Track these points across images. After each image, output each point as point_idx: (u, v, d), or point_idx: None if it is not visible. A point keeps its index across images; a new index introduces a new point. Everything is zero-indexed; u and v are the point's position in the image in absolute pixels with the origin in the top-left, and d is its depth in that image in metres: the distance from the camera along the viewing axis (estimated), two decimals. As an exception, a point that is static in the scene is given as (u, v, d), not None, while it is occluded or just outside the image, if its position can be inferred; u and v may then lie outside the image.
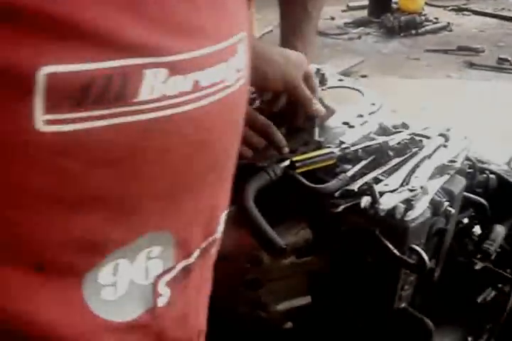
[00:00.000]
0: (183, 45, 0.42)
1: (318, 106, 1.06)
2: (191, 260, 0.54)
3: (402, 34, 5.08)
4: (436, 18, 5.45)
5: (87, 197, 0.43)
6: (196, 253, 0.55)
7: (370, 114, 1.15)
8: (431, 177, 0.96)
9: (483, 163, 1.17)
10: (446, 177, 0.98)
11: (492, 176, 1.13)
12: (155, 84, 0.41)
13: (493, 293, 1.13)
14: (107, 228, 0.46)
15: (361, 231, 0.92)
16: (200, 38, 0.44)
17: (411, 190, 0.90)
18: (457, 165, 0.98)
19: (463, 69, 4.42)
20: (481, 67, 4.43)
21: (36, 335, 0.45)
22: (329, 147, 1.02)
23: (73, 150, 0.40)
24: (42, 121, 0.38)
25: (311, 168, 0.96)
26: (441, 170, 0.98)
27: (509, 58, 4.54)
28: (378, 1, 5.36)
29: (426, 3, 5.62)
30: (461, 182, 1.01)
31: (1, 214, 0.41)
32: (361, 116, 1.15)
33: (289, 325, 1.11)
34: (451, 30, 5.31)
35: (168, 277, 0.52)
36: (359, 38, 5.08)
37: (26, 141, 0.39)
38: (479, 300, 1.10)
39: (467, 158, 1.10)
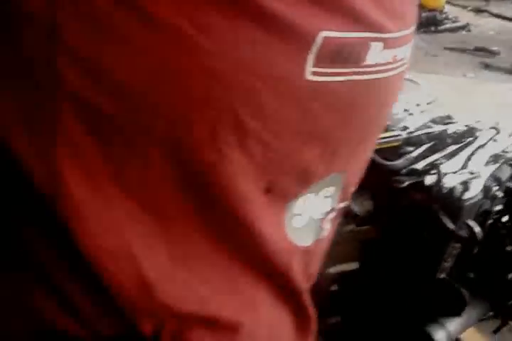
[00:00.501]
0: (394, 27, 0.55)
1: None
2: (344, 204, 0.67)
3: (421, 30, 5.16)
4: (455, 17, 5.54)
5: (316, 133, 0.54)
6: (348, 199, 0.67)
7: (427, 104, 1.27)
8: (485, 164, 1.08)
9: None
10: (496, 165, 1.11)
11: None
12: (375, 53, 0.53)
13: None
14: (319, 162, 0.57)
15: (421, 206, 1.05)
16: (403, 22, 0.57)
17: (470, 173, 1.02)
18: (509, 155, 1.11)
19: (478, 70, 4.52)
20: (496, 69, 4.54)
21: (248, 242, 0.56)
22: (394, 130, 1.14)
23: (319, 95, 0.51)
24: (310, 72, 0.49)
25: (379, 147, 1.08)
26: (494, 159, 1.10)
27: (524, 62, 4.65)
28: (401, -5, 5.43)
29: (447, 2, 5.70)
30: (507, 170, 1.14)
31: (262, 139, 0.51)
32: (419, 105, 1.26)
33: (335, 287, 1.23)
34: (469, 30, 5.41)
35: (332, 215, 0.64)
36: (379, 30, 5.17)
37: (296, 86, 0.50)
38: (508, 278, 1.23)
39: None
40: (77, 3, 0.44)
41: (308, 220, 0.60)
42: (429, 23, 5.24)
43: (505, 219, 1.29)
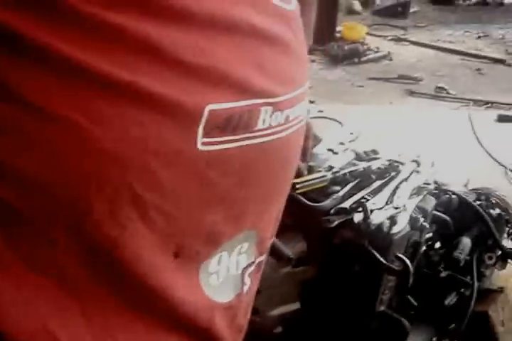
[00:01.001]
0: (282, 90, 0.58)
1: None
2: (263, 257, 0.69)
3: (345, 62, 5.31)
4: (377, 47, 5.71)
5: (216, 198, 0.57)
6: (266, 252, 0.69)
7: (350, 141, 1.31)
8: (409, 197, 1.12)
9: (445, 185, 1.35)
10: (420, 197, 1.15)
11: (454, 197, 1.31)
12: (265, 118, 0.57)
13: (455, 298, 1.30)
14: (224, 224, 0.60)
15: (352, 243, 1.08)
16: (292, 84, 0.61)
17: (395, 208, 1.06)
18: (430, 187, 1.15)
19: (404, 97, 4.67)
20: (421, 95, 4.69)
21: (164, 308, 0.57)
22: (320, 171, 1.17)
23: (213, 163, 0.55)
24: (201, 142, 0.52)
25: (308, 189, 1.11)
26: (417, 191, 1.15)
27: (446, 87, 4.81)
28: (323, 29, 5.58)
29: (367, 33, 5.88)
30: (432, 201, 1.18)
31: (163, 210, 0.53)
32: (342, 143, 1.30)
33: (279, 329, 1.24)
34: (391, 59, 5.58)
35: (250, 269, 0.66)
36: (305, 65, 5.29)
37: (188, 157, 0.53)
38: (446, 303, 1.26)
39: (434, 181, 1.27)
40: None
41: (225, 277, 0.63)
42: (353, 54, 5.39)
43: (437, 245, 1.34)
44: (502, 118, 4.15)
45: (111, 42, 0.47)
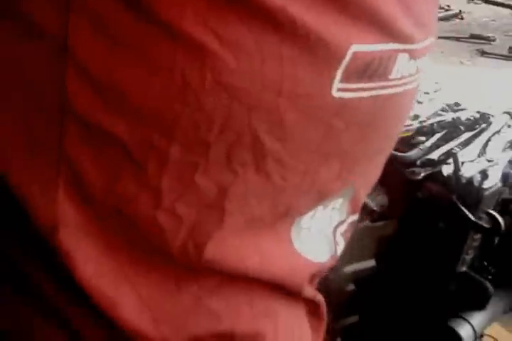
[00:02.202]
0: (421, 36, 0.52)
1: None
2: (355, 217, 0.63)
3: (415, 20, 5.15)
4: (448, 6, 5.51)
5: (336, 151, 0.52)
6: (358, 211, 0.64)
7: (435, 91, 1.23)
8: (502, 151, 1.04)
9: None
10: (513, 151, 1.07)
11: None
12: (400, 66, 0.51)
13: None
14: (336, 180, 0.54)
15: (438, 197, 1.01)
16: (427, 31, 0.55)
17: (489, 161, 0.98)
18: (526, 140, 1.07)
19: (475, 57, 4.50)
20: (493, 56, 4.51)
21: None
22: (404, 120, 1.10)
23: (342, 112, 0.48)
24: (336, 88, 0.46)
25: (392, 138, 1.04)
26: (510, 145, 1.06)
27: (520, 47, 4.63)
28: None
29: (438, -9, 5.68)
30: (525, 157, 1.10)
31: (280, 159, 0.48)
32: (427, 93, 1.22)
33: (351, 287, 1.19)
34: (462, 18, 5.38)
35: (342, 228, 0.61)
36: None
37: (321, 103, 0.47)
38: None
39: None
40: (92, 15, 0.41)
41: (318, 233, 0.57)
42: (422, 12, 5.22)
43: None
44: None
45: None
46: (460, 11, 5.42)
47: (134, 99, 0.43)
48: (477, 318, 1.15)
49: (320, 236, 0.58)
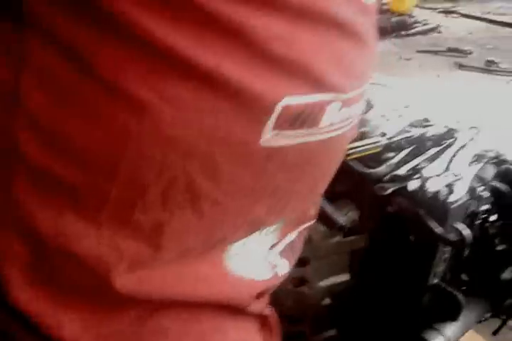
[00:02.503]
0: (352, 87, 0.56)
1: None
2: (293, 235, 0.66)
3: (393, 34, 5.20)
4: (425, 20, 5.58)
5: (268, 190, 0.56)
6: (293, 234, 0.67)
7: (404, 107, 1.26)
8: (468, 165, 1.07)
9: (502, 154, 1.29)
10: (480, 165, 1.09)
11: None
12: (332, 114, 0.54)
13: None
14: (268, 215, 0.58)
15: (406, 212, 1.03)
16: (362, 79, 0.58)
17: (454, 175, 1.01)
18: (491, 154, 1.10)
19: (452, 70, 4.55)
20: (470, 69, 4.56)
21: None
22: (373, 137, 1.12)
23: (274, 157, 0.52)
24: (268, 136, 0.50)
25: (360, 155, 1.07)
26: (476, 159, 1.09)
27: (496, 60, 4.67)
28: (370, 2, 5.46)
29: (416, 5, 5.74)
30: (491, 170, 1.12)
31: (215, 200, 0.52)
32: (395, 110, 1.25)
33: (327, 301, 1.21)
34: (440, 32, 5.45)
35: (278, 248, 0.64)
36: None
37: (252, 150, 0.50)
38: (502, 277, 1.21)
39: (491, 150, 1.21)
40: (42, 73, 0.44)
41: (252, 256, 0.61)
42: (400, 27, 5.28)
43: (493, 218, 1.28)
44: (556, 93, 4.02)
45: (202, 25, 0.44)
46: (438, 25, 5.48)
47: (79, 146, 0.46)
48: (450, 329, 1.17)
49: (255, 257, 0.62)
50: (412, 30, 5.30)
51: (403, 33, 5.25)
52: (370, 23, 0.60)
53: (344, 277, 1.18)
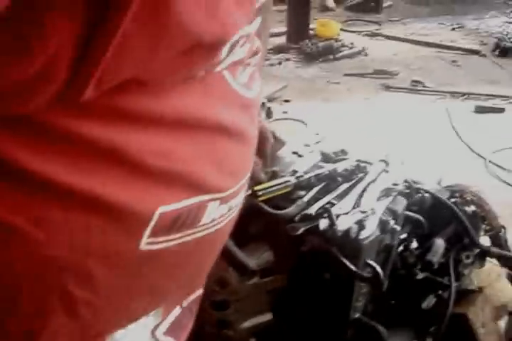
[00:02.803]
0: (233, 184, 0.57)
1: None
2: (176, 314, 0.66)
3: (320, 59, 5.27)
4: (351, 43, 5.67)
5: (144, 289, 0.57)
6: (177, 310, 0.67)
7: (315, 143, 1.26)
8: (377, 199, 1.08)
9: (417, 183, 1.31)
10: (390, 198, 1.10)
11: (426, 195, 1.26)
12: (211, 212, 0.54)
13: (433, 300, 1.26)
14: (146, 308, 0.59)
15: (319, 250, 1.03)
16: (242, 175, 0.59)
17: (362, 212, 1.01)
18: (400, 187, 1.11)
19: (380, 92, 4.63)
20: (397, 90, 4.66)
21: None
22: (283, 176, 1.12)
23: (150, 260, 0.53)
24: (144, 243, 0.51)
25: (270, 195, 1.06)
26: (385, 193, 1.10)
27: (421, 80, 4.79)
28: (296, 28, 5.54)
29: (341, 29, 5.85)
30: (402, 202, 1.14)
31: (90, 303, 0.52)
32: (308, 145, 1.26)
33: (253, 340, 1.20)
34: (366, 55, 5.55)
35: (162, 329, 0.64)
36: (280, 63, 5.24)
37: (129, 257, 0.51)
38: (423, 306, 1.22)
39: (404, 180, 1.23)
40: None
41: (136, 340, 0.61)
42: (327, 51, 5.35)
43: (414, 245, 1.30)
44: (480, 110, 4.13)
45: (74, 151, 0.45)
46: (363, 47, 5.59)
47: None
48: (376, 363, 1.17)
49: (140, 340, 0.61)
50: (339, 54, 5.38)
51: (330, 57, 5.32)
52: (251, 117, 0.61)
53: (267, 317, 1.17)
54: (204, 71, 0.50)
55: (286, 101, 4.17)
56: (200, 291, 0.71)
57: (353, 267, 1.00)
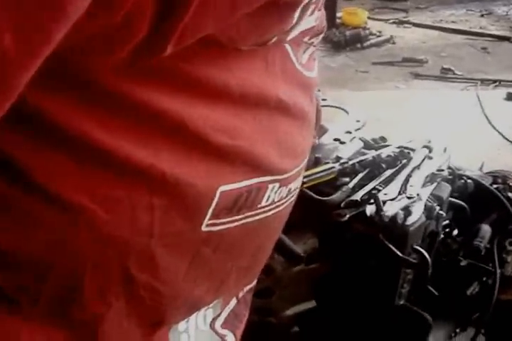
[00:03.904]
0: (292, 166, 0.56)
1: None
2: (232, 306, 0.66)
3: (348, 48, 5.23)
4: (379, 32, 5.63)
5: (205, 273, 0.56)
6: (233, 301, 0.66)
7: (356, 130, 1.26)
8: (422, 186, 1.07)
9: (459, 169, 1.30)
10: (434, 184, 1.09)
11: (469, 181, 1.25)
12: (271, 194, 0.54)
13: (478, 287, 1.25)
14: (207, 295, 0.59)
15: (365, 236, 1.03)
16: (301, 157, 0.58)
17: (409, 198, 1.01)
18: (444, 173, 1.10)
19: (409, 80, 4.59)
20: (427, 77, 4.62)
21: None
22: (327, 163, 1.12)
23: (210, 241, 0.53)
24: (205, 224, 0.50)
25: (315, 182, 1.06)
26: (430, 179, 1.09)
27: (452, 68, 4.74)
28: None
29: (368, 18, 5.80)
30: (447, 188, 1.13)
31: (152, 288, 0.52)
32: (349, 132, 1.25)
33: (295, 329, 1.20)
34: (394, 43, 5.50)
35: (220, 321, 0.64)
36: (307, 53, 5.22)
37: (190, 238, 0.51)
38: (468, 293, 1.21)
39: (448, 167, 1.22)
40: None
41: (195, 333, 0.61)
42: (354, 40, 5.31)
43: (455, 233, 1.29)
44: (511, 97, 4.08)
45: (137, 121, 0.43)
46: (391, 36, 5.54)
47: (13, 256, 0.45)
48: (420, 350, 1.17)
49: (199, 333, 0.61)
50: (367, 43, 5.34)
51: (358, 45, 5.28)
52: (310, 98, 0.59)
53: (310, 304, 1.17)
54: (275, 38, 0.48)
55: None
56: (255, 282, 0.71)
57: (399, 253, 1.00)
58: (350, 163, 1.10)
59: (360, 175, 1.09)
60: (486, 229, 1.18)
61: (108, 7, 0.35)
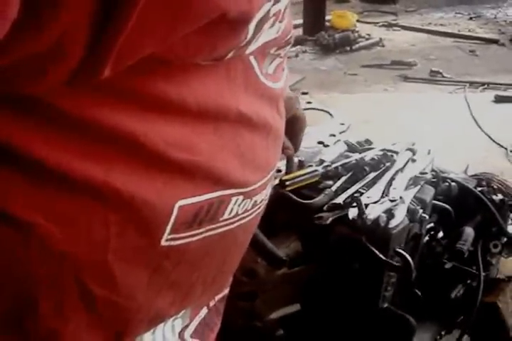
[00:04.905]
0: (257, 178, 0.56)
1: None
2: (203, 315, 0.65)
3: (337, 51, 5.24)
4: (368, 34, 5.63)
5: (167, 285, 0.55)
6: (204, 310, 0.66)
7: (340, 133, 1.26)
8: (405, 188, 1.07)
9: (443, 172, 1.30)
10: (418, 187, 1.09)
11: (454, 184, 1.25)
12: (234, 207, 0.53)
13: (462, 290, 1.25)
14: (171, 306, 0.57)
15: (348, 240, 1.03)
16: (266, 170, 0.58)
17: (391, 201, 1.01)
18: (428, 176, 1.10)
19: (398, 83, 4.59)
20: (415, 80, 4.62)
21: None
22: (311, 166, 1.12)
23: (171, 255, 0.52)
24: (165, 239, 0.49)
25: (298, 185, 1.06)
26: (413, 182, 1.09)
27: (440, 70, 4.75)
28: (312, 19, 5.52)
29: (357, 21, 5.81)
30: (430, 191, 1.13)
31: (111, 301, 0.51)
32: (333, 135, 1.25)
33: (281, 332, 1.20)
34: (383, 46, 5.50)
35: (189, 331, 0.63)
36: (296, 56, 5.22)
37: (150, 252, 0.50)
38: (453, 295, 1.21)
39: (431, 169, 1.22)
40: None
41: None
42: (344, 43, 5.32)
43: (440, 235, 1.29)
44: (499, 99, 4.09)
45: (89, 139, 0.43)
46: (380, 38, 5.55)
47: None
48: (404, 353, 1.16)
49: None
50: (356, 46, 5.34)
51: (347, 48, 5.29)
52: (279, 109, 0.59)
53: (295, 307, 1.17)
54: (232, 53, 0.48)
55: (304, 93, 4.15)
56: (226, 291, 0.70)
57: (382, 256, 1.00)
58: (334, 166, 1.10)
59: (344, 178, 1.09)
60: (468, 231, 1.18)
61: (36, 30, 0.35)
